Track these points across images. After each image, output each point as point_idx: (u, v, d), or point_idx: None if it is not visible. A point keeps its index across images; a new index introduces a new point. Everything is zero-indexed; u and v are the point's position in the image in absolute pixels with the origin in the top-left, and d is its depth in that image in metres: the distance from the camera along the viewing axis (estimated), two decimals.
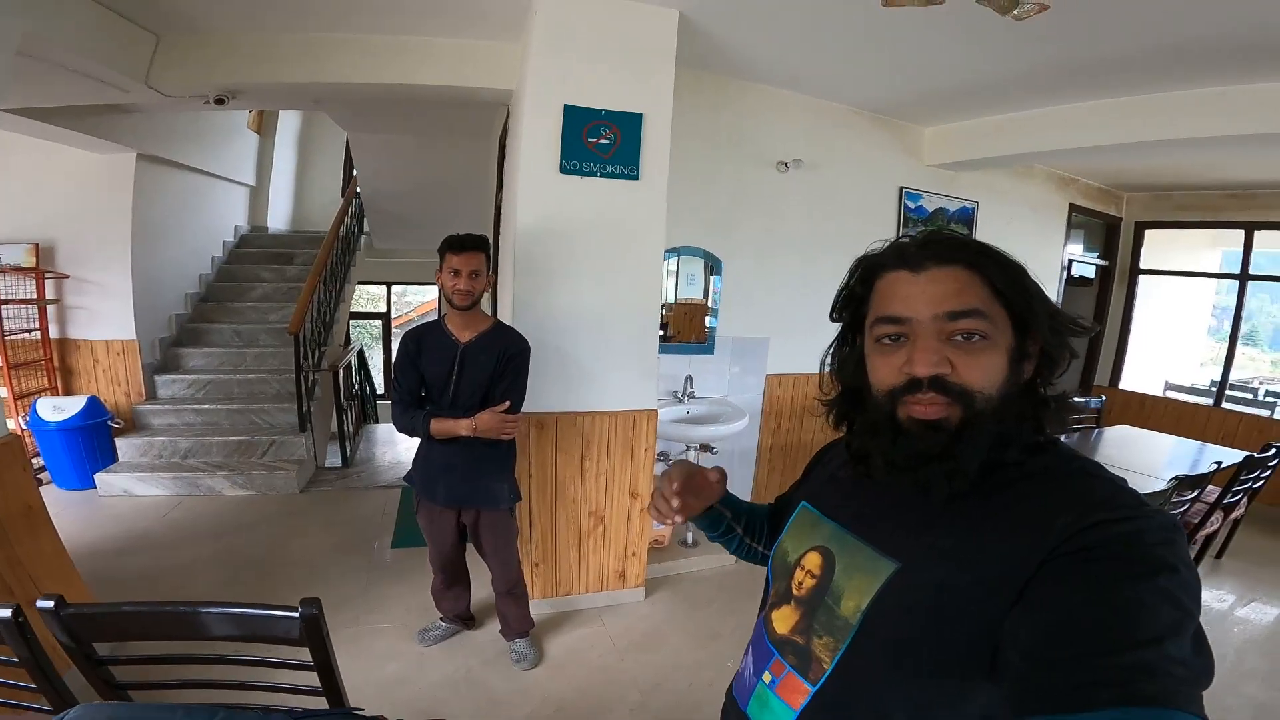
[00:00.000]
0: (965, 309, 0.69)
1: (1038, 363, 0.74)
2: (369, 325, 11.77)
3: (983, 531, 0.68)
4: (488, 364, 2.34)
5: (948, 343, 0.70)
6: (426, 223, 6.53)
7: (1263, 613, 3.47)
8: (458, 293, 2.28)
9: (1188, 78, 3.13)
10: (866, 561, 0.76)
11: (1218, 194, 5.80)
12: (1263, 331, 7.88)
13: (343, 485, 4.74)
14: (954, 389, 0.69)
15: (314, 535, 3.84)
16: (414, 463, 2.51)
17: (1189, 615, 0.56)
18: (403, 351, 2.37)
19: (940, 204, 4.69)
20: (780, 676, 0.81)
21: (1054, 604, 0.59)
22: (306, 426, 4.75)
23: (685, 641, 2.91)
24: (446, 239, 2.30)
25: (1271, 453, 3.61)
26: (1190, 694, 0.53)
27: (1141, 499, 0.65)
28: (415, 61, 3.28)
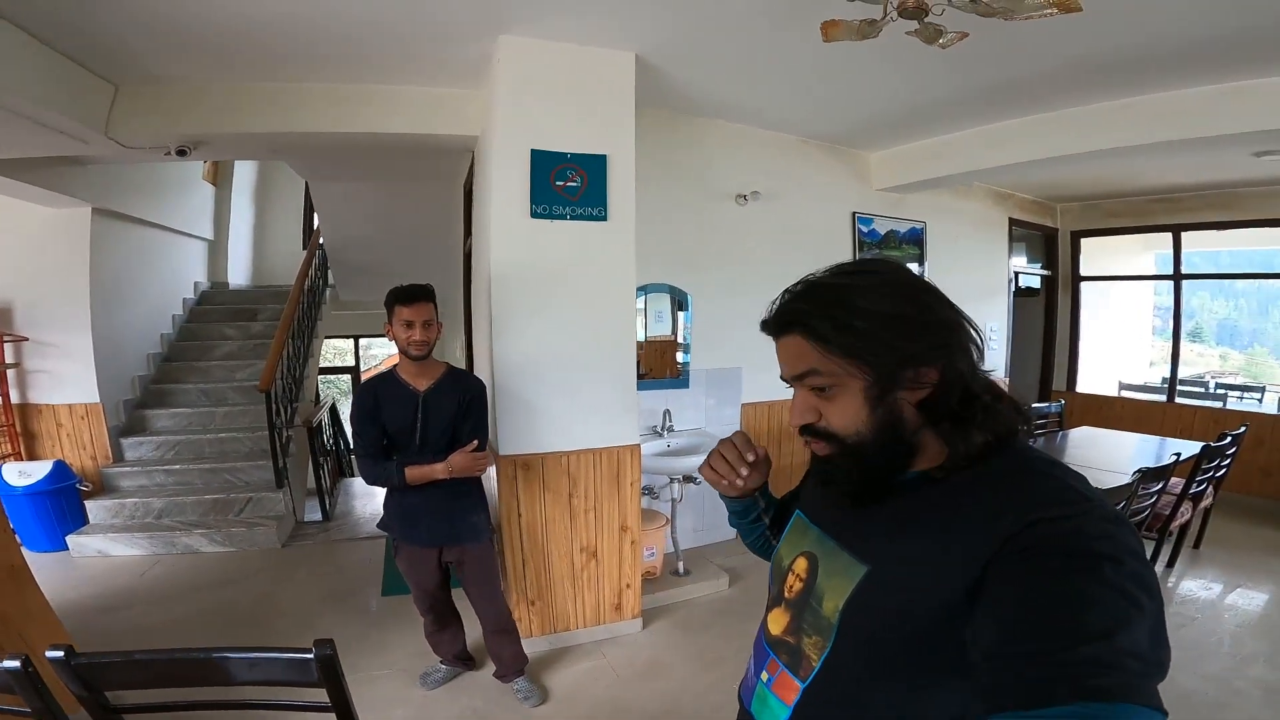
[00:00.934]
0: (802, 372, 0.79)
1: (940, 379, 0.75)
2: (338, 380, 11.60)
3: (940, 534, 0.72)
4: (450, 408, 2.40)
5: (814, 394, 0.80)
6: (393, 272, 6.40)
7: (1250, 598, 3.59)
8: (413, 343, 2.33)
9: (1102, 91, 3.38)
10: (842, 565, 0.81)
11: (1144, 200, 6.15)
12: (1207, 328, 8.29)
13: (325, 539, 4.68)
14: (821, 432, 0.81)
15: (302, 587, 3.79)
16: (386, 510, 2.53)
17: (1138, 606, 0.57)
18: (361, 407, 2.40)
19: (891, 226, 4.91)
20: (776, 675, 0.86)
21: (1005, 603, 0.61)
22: (284, 482, 4.68)
23: (689, 668, 2.92)
24: (392, 292, 2.36)
25: (1228, 441, 3.81)
26: (1144, 687, 0.54)
27: (1085, 493, 0.67)
28: (381, 110, 3.35)
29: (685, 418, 4.03)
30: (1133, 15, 2.50)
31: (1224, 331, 8.49)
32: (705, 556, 3.95)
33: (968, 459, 0.74)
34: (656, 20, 2.69)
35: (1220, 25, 2.54)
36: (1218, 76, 3.06)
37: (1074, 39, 2.72)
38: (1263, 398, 6.03)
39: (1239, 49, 2.74)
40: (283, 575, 3.95)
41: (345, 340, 10.47)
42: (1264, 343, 7.62)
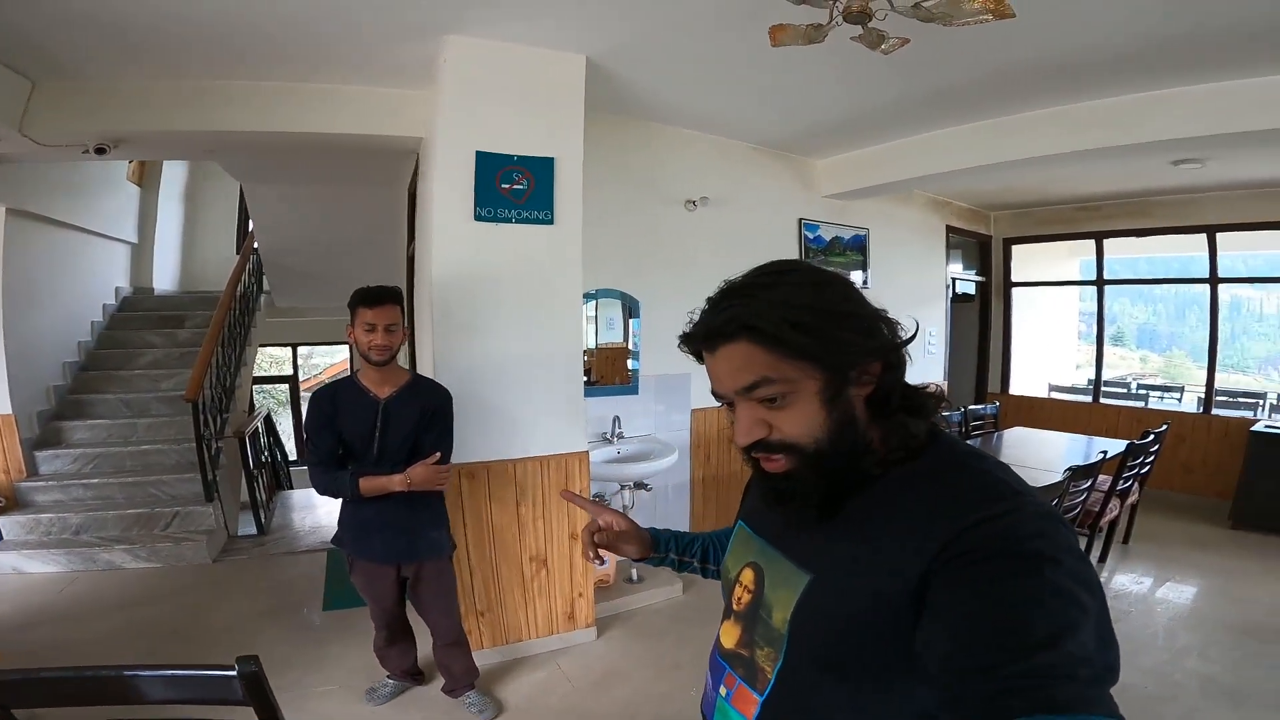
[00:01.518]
0: (753, 381, 0.72)
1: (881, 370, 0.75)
2: (274, 390, 11.16)
3: (878, 539, 0.72)
4: (412, 417, 2.31)
5: (761, 407, 0.74)
6: (333, 278, 6.28)
7: (1179, 591, 3.76)
8: (374, 348, 2.22)
9: (1034, 99, 3.50)
10: (787, 574, 0.80)
11: (1070, 208, 6.44)
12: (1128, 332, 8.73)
13: (261, 553, 4.49)
14: (776, 445, 0.75)
15: (237, 603, 3.62)
16: (341, 524, 2.41)
17: (1080, 607, 0.57)
18: (317, 412, 2.28)
19: (836, 233, 5.01)
20: (734, 689, 0.84)
21: (952, 613, 0.61)
22: (213, 496, 4.47)
23: (646, 675, 2.90)
24: (357, 292, 2.25)
25: (1150, 439, 4.01)
26: (1097, 694, 0.54)
27: (1016, 487, 0.68)
28: (319, 109, 3.23)
29: (635, 424, 4.01)
30: (1062, 23, 2.58)
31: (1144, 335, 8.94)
32: None
33: (911, 451, 0.75)
34: (608, 23, 2.67)
35: (1143, 35, 2.65)
36: (1141, 85, 3.21)
37: (1008, 46, 2.81)
38: (1182, 397, 6.37)
39: (1160, 58, 2.87)
40: (214, 591, 3.78)
41: (282, 349, 10.09)
42: (1181, 346, 8.06)
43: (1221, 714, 2.55)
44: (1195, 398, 5.97)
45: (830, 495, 0.76)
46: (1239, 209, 5.43)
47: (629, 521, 1.11)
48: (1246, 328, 7.67)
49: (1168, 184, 5.35)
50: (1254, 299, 7.44)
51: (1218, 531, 4.74)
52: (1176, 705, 2.60)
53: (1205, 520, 4.94)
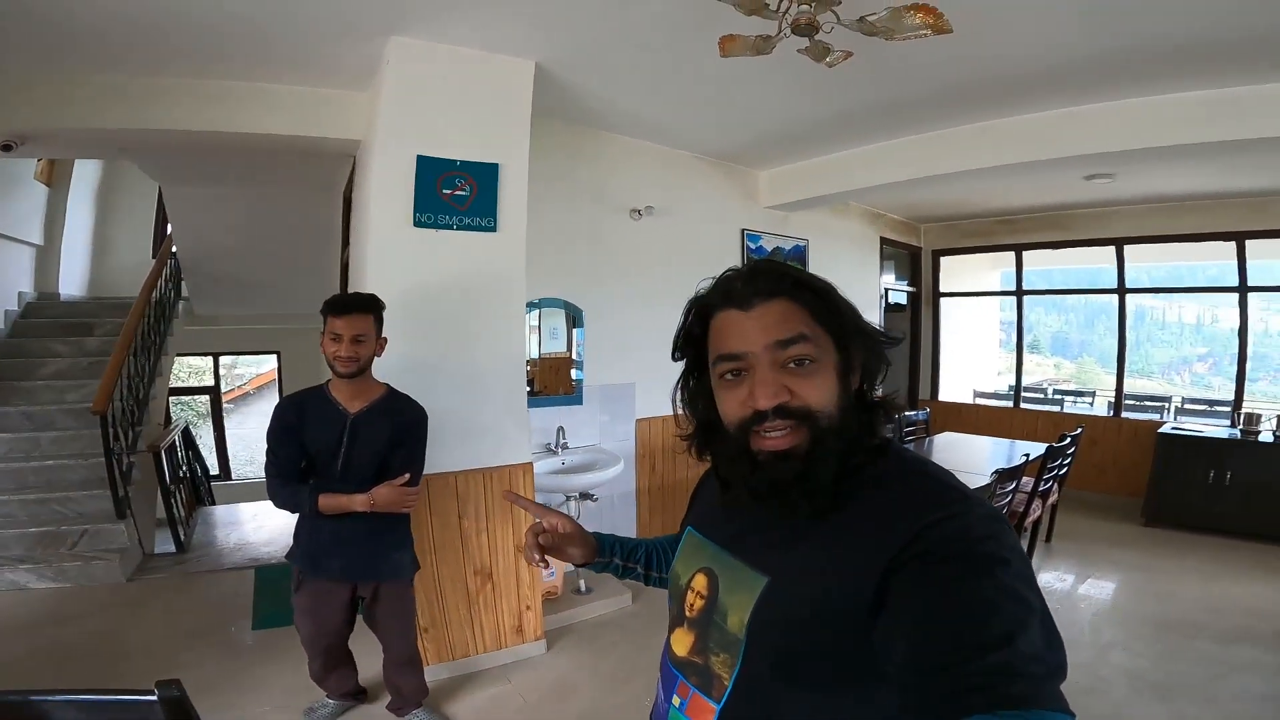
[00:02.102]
0: (792, 336, 0.73)
1: (860, 373, 0.79)
2: (194, 401, 10.57)
3: (837, 540, 0.72)
4: (382, 434, 2.20)
5: (783, 371, 0.74)
6: (259, 284, 6.05)
7: (1101, 587, 3.96)
8: (339, 359, 2.12)
9: (962, 115, 3.67)
10: (743, 578, 0.79)
11: (992, 220, 6.77)
12: (1043, 340, 9.23)
13: (181, 571, 4.25)
14: (797, 412, 0.73)
15: (156, 623, 3.40)
16: (296, 539, 2.28)
17: (1029, 607, 0.59)
18: (281, 422, 2.17)
19: (777, 244, 5.11)
20: (687, 699, 0.82)
21: (909, 611, 0.62)
22: (125, 513, 4.20)
23: (598, 687, 2.86)
24: (328, 300, 2.15)
25: (1067, 441, 4.24)
26: (1051, 690, 0.55)
27: (964, 491, 0.70)
28: (249, 109, 3.08)
29: (580, 434, 3.97)
30: (990, 42, 2.70)
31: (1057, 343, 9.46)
32: (607, 573, 3.89)
33: (869, 454, 0.76)
34: (560, 30, 2.65)
35: (1063, 53, 2.79)
36: (1057, 103, 3.39)
37: (939, 64, 2.93)
38: (1094, 402, 6.76)
39: (1076, 77, 3.03)
40: (130, 612, 3.54)
41: (202, 358, 9.58)
42: (1091, 353, 8.57)
43: (1150, 708, 2.65)
44: (1106, 402, 6.35)
45: (833, 486, 0.73)
46: (1145, 223, 5.81)
47: (574, 524, 1.06)
48: (1150, 335, 8.23)
49: (1081, 198, 5.69)
50: (1158, 308, 8.00)
51: (1132, 529, 5.03)
52: (1106, 700, 2.70)
53: (1120, 518, 5.23)
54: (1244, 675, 2.88)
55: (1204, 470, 4.84)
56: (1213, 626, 3.34)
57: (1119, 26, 2.54)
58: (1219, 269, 5.70)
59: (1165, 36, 2.60)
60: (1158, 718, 2.59)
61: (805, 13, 1.92)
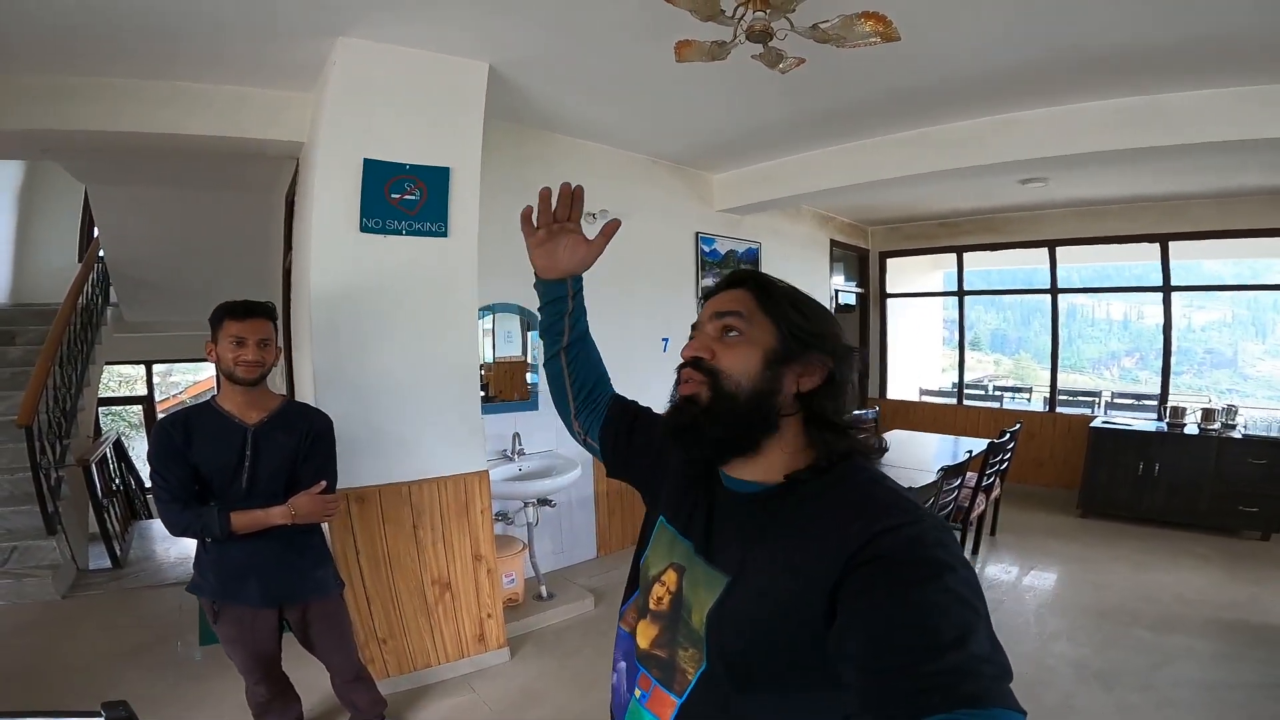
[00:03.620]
0: (727, 310, 0.86)
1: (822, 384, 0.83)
2: (125, 412, 10.08)
3: (794, 543, 0.75)
4: (287, 445, 2.07)
5: (718, 339, 0.85)
6: (194, 290, 5.74)
7: (1043, 578, 4.10)
8: (244, 364, 1.97)
9: (904, 121, 3.78)
10: (706, 576, 0.82)
11: (934, 223, 6.99)
12: (982, 337, 9.58)
13: (119, 587, 4.08)
14: (706, 368, 0.84)
15: (94, 640, 3.24)
16: (199, 568, 2.10)
17: (976, 612, 0.62)
18: (165, 442, 1.97)
19: (731, 246, 5.16)
20: (649, 691, 0.85)
21: (864, 615, 0.64)
22: (56, 528, 4.00)
23: (565, 693, 2.83)
24: (223, 305, 2.00)
25: (1007, 437, 4.39)
26: (1004, 690, 0.57)
27: (918, 504, 0.73)
28: (185, 109, 2.94)
29: (536, 440, 3.93)
30: (933, 50, 2.78)
31: (996, 340, 9.84)
32: (567, 578, 3.88)
33: (828, 464, 0.80)
34: (514, 32, 2.62)
35: (993, 61, 2.89)
36: (993, 109, 3.52)
37: (886, 72, 3.01)
38: (1031, 397, 7.04)
39: (1008, 83, 3.14)
40: (68, 629, 3.39)
41: (134, 366, 9.14)
42: (1027, 349, 8.94)
43: (1095, 696, 2.74)
44: (1042, 397, 6.62)
45: (721, 441, 0.83)
46: (1075, 225, 6.09)
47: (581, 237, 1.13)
48: (1081, 331, 8.63)
49: (1017, 202, 5.92)
50: (1087, 305, 8.38)
51: (1069, 520, 5.25)
52: (1053, 690, 2.78)
53: (1058, 510, 5.46)
54: (1180, 662, 2.99)
55: (1133, 462, 5.09)
56: (1147, 614, 3.48)
57: (1047, 36, 2.64)
58: (1144, 269, 6.01)
59: (1089, 46, 2.71)
60: (1104, 706, 2.68)
61: (760, 20, 1.94)
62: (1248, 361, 7.68)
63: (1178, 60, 2.80)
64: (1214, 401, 5.36)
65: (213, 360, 2.03)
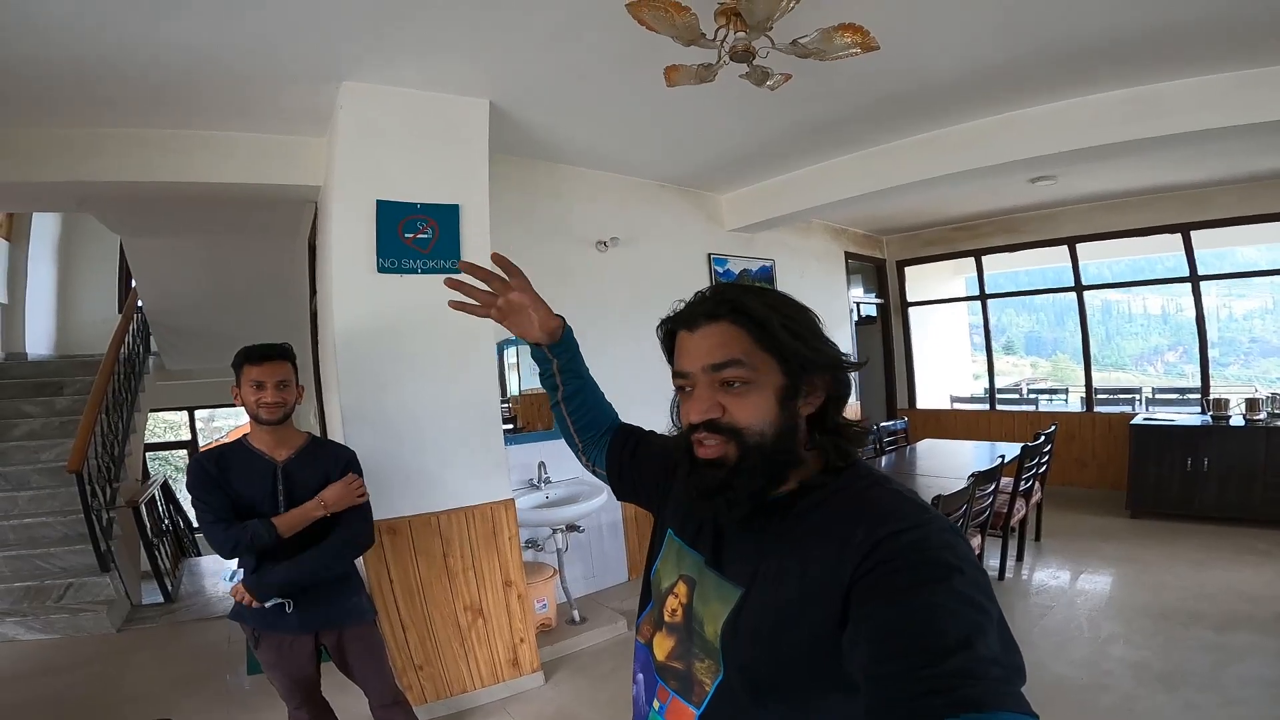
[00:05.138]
0: (725, 360, 0.78)
1: (826, 396, 0.82)
2: (171, 456, 10.40)
3: (803, 552, 0.74)
4: (316, 479, 2.15)
5: (721, 389, 0.78)
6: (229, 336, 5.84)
7: (1095, 582, 3.95)
8: (265, 406, 2.07)
9: (908, 126, 3.76)
10: (718, 588, 0.82)
11: (951, 228, 6.91)
12: (1017, 340, 9.38)
13: (171, 620, 4.24)
14: (725, 428, 0.78)
15: (151, 670, 3.38)
16: None
17: (985, 613, 0.61)
18: (200, 474, 2.07)
19: (744, 265, 5.18)
20: (667, 702, 0.84)
21: (871, 620, 0.64)
22: (109, 566, 4.16)
23: (600, 715, 2.82)
24: (242, 351, 2.11)
25: (1041, 440, 4.28)
26: (1010, 692, 0.56)
27: (922, 504, 0.73)
28: (209, 158, 3.08)
29: (561, 468, 3.95)
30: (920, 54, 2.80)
31: (1031, 342, 9.62)
32: (599, 602, 3.88)
33: (834, 471, 0.80)
34: (509, 68, 2.70)
35: (980, 61, 2.89)
36: (993, 109, 3.50)
37: (877, 79, 3.02)
38: (1068, 398, 6.86)
39: (1002, 82, 3.13)
40: (123, 660, 3.53)
41: (177, 413, 9.44)
42: (1064, 350, 8.73)
43: (1157, 698, 2.63)
44: (1079, 397, 6.45)
45: (756, 497, 0.78)
46: (1093, 221, 5.99)
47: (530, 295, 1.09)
48: (1120, 328, 8.40)
49: (1030, 201, 5.85)
50: (1123, 301, 8.17)
51: (1119, 521, 5.07)
52: (1111, 694, 2.67)
53: (1106, 511, 5.27)
54: (1246, 661, 2.87)
55: (1180, 458, 4.92)
56: (1209, 614, 3.34)
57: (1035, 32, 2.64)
58: (1175, 260, 5.85)
59: (1078, 38, 2.69)
60: (1166, 707, 2.57)
61: (741, 40, 1.99)
62: None
63: (1170, 48, 2.77)
64: (1260, 391, 5.16)
65: (238, 404, 2.12)
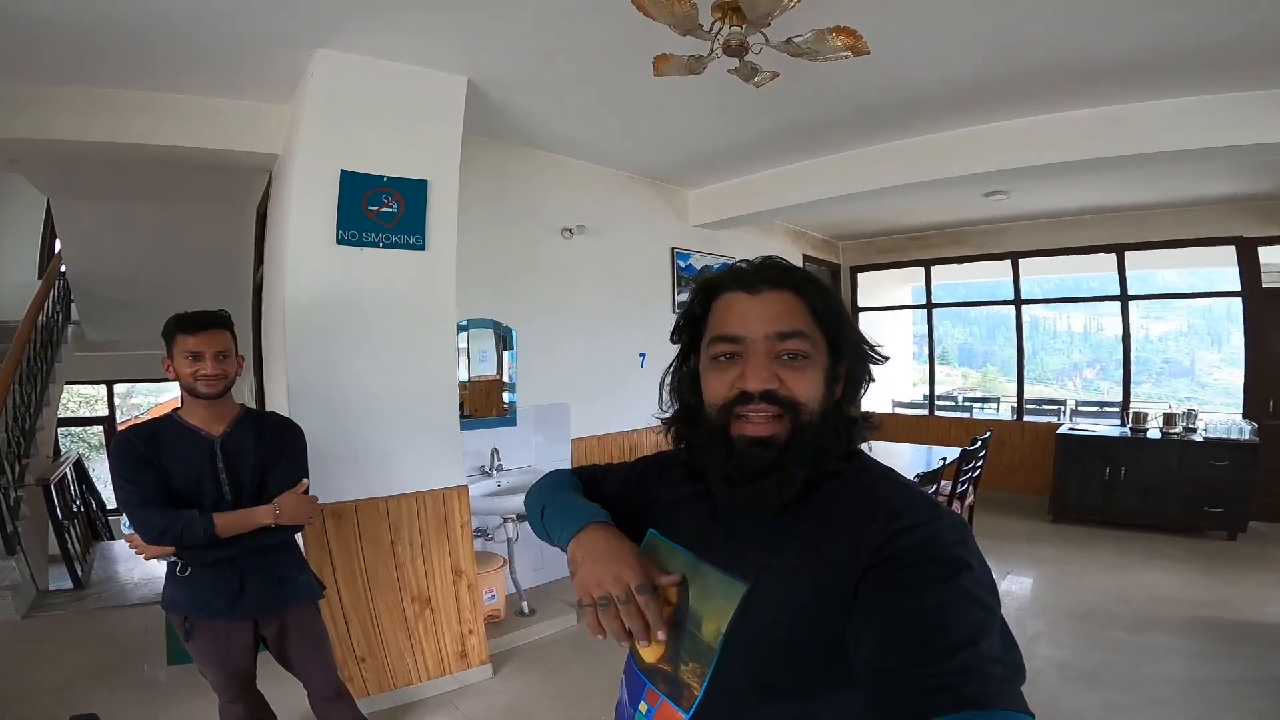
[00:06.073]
0: (792, 330, 0.75)
1: (844, 384, 0.80)
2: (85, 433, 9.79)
3: (815, 544, 0.73)
4: (256, 451, 2.02)
5: (776, 361, 0.75)
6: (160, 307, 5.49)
7: (1020, 583, 4.16)
8: (204, 379, 1.91)
9: (875, 135, 3.85)
10: (719, 585, 0.78)
11: (903, 237, 7.12)
12: (951, 351, 9.75)
13: (81, 608, 4.00)
14: (783, 400, 0.74)
15: (60, 660, 3.17)
16: (171, 583, 2.03)
17: (991, 612, 0.61)
18: (130, 451, 1.89)
19: (706, 261, 5.20)
20: (655, 706, 0.82)
21: (878, 613, 0.64)
22: (15, 549, 3.90)
23: (553, 708, 2.79)
24: (175, 319, 1.94)
25: (978, 445, 4.48)
26: (1012, 691, 0.56)
27: (933, 501, 0.73)
28: (159, 119, 2.88)
29: (514, 456, 3.90)
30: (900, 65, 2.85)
31: (964, 354, 10.02)
32: (549, 594, 3.83)
33: (842, 461, 0.78)
34: (494, 47, 2.63)
35: (958, 76, 2.96)
36: (958, 123, 3.61)
37: (856, 86, 3.08)
38: (999, 407, 7.19)
39: (972, 97, 3.22)
40: (29, 649, 3.32)
41: (95, 386, 8.89)
42: (994, 362, 9.12)
43: (1081, 696, 2.76)
44: (1010, 407, 6.76)
45: (806, 481, 0.75)
46: (1036, 237, 6.27)
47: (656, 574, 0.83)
48: (1044, 344, 8.82)
49: (980, 215, 6.08)
50: (1049, 319, 8.60)
51: (1042, 525, 5.36)
52: (1039, 690, 2.78)
53: (1030, 516, 5.57)
54: (1161, 661, 3.04)
55: (1100, 467, 5.22)
56: (1125, 615, 3.55)
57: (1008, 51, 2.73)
58: (1101, 280, 6.19)
59: (1048, 60, 2.79)
60: (1089, 705, 2.71)
61: (737, 34, 1.99)
62: (1204, 370, 7.87)
63: (1135, 72, 2.89)
64: (1175, 407, 5.51)
65: (171, 376, 1.97)
